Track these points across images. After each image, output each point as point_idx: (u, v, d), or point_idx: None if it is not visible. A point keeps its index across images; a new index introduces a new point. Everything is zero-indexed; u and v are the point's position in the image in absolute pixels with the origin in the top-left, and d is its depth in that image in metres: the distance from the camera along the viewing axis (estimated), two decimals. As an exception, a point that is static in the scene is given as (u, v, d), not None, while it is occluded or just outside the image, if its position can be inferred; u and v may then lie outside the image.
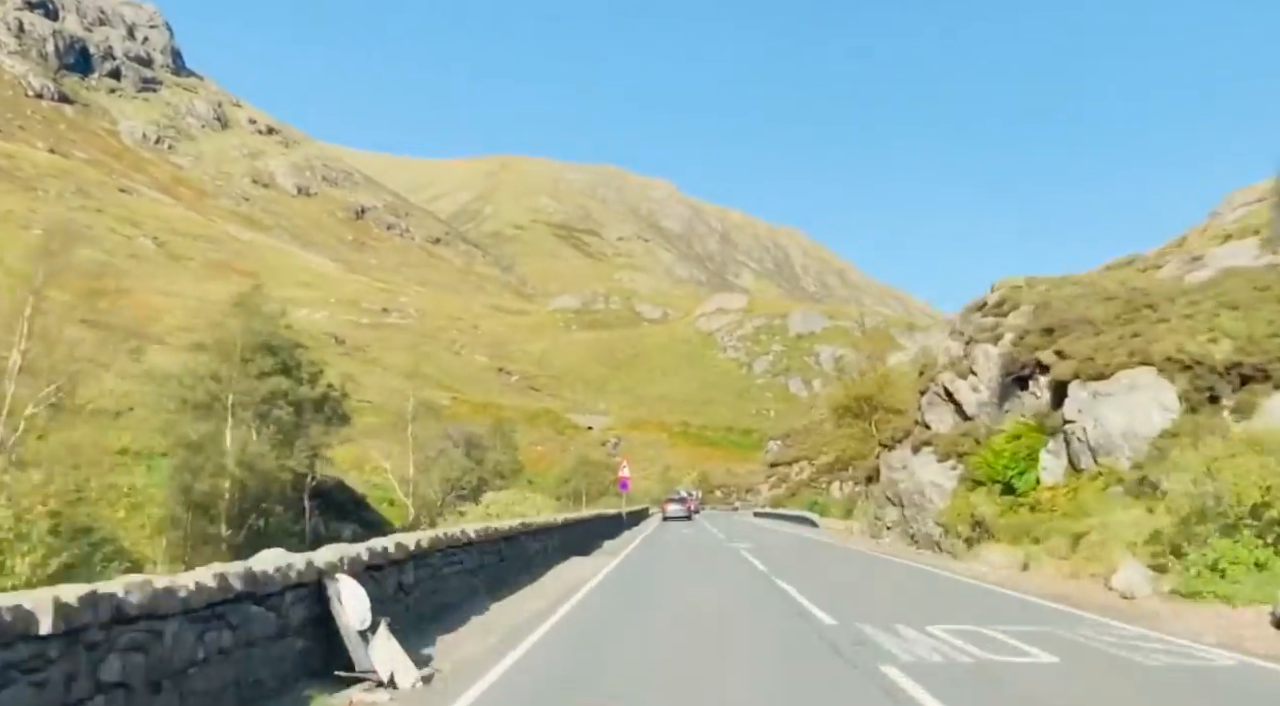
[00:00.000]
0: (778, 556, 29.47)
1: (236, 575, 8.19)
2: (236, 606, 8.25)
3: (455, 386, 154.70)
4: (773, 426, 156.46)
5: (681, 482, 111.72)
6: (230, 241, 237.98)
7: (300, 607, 9.39)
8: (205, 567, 8.16)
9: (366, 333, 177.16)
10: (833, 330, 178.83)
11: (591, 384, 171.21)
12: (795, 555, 31.89)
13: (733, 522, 68.15)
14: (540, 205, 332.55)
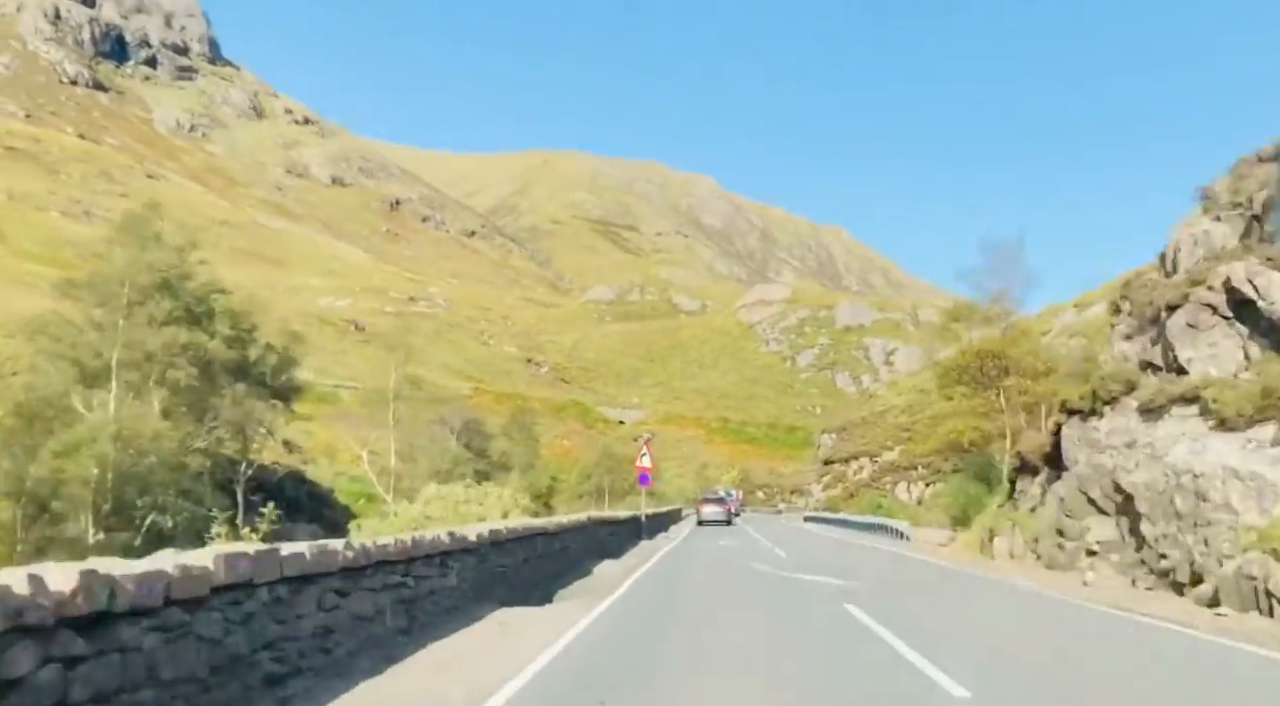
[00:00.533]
0: (922, 618, 14.19)
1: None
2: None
3: (480, 376, 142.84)
4: (819, 424, 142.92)
5: (720, 481, 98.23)
6: (258, 229, 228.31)
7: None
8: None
9: (389, 320, 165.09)
10: (883, 323, 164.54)
11: (624, 377, 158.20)
12: (953, 613, 15.31)
13: (786, 531, 55.16)
14: (578, 200, 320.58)
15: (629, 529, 37.40)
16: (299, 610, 8.16)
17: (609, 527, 31.49)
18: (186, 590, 6.44)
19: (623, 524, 35.70)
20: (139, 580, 5.89)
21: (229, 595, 7.05)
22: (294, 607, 8.07)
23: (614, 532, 32.79)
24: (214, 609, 6.82)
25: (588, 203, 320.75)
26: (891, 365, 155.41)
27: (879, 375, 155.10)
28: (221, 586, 6.91)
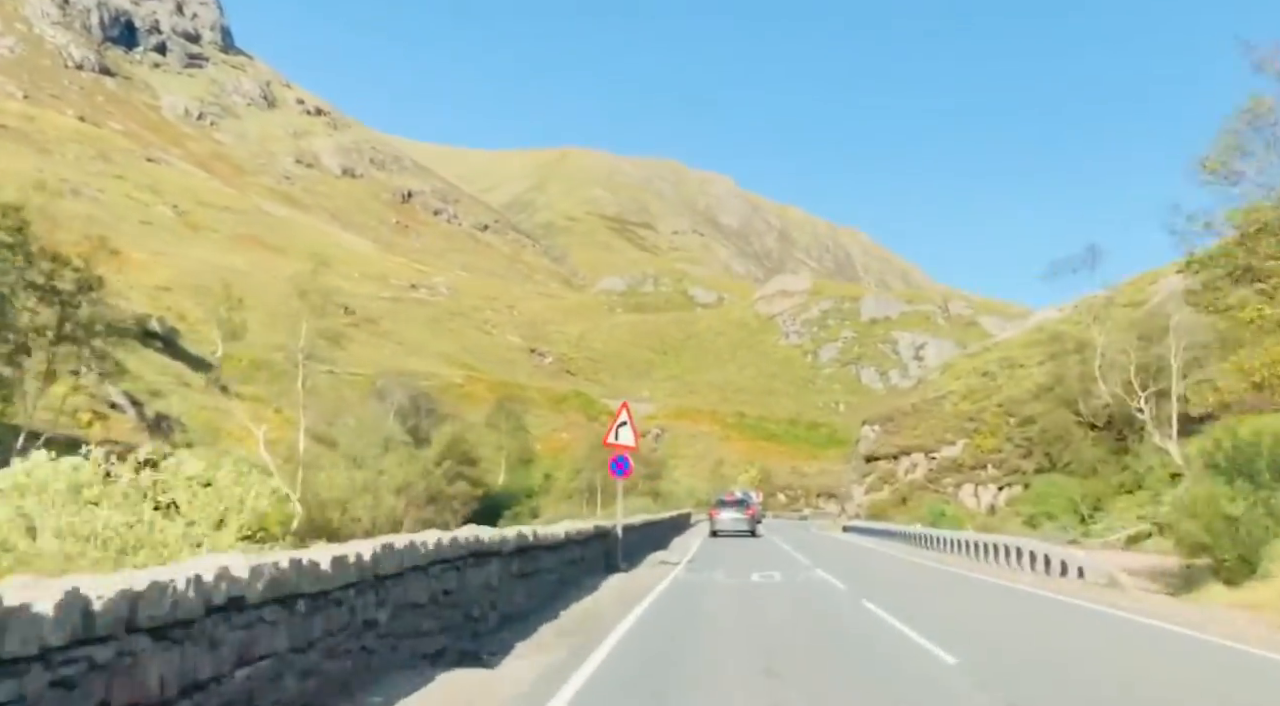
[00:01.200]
0: None
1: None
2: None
3: (477, 365, 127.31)
4: (843, 422, 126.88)
5: (737, 482, 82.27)
6: (262, 216, 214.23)
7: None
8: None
9: (384, 305, 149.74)
10: (912, 315, 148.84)
11: (635, 369, 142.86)
12: None
13: (842, 552, 37.94)
14: (594, 197, 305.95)
15: (588, 554, 21.56)
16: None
17: (529, 558, 14.92)
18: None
19: (575, 546, 19.80)
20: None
21: None
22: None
23: (549, 568, 16.77)
24: None
25: (603, 200, 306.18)
26: (921, 360, 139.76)
27: (908, 371, 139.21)
28: None
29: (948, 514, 51.35)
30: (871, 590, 19.47)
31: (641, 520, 35.50)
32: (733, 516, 46.12)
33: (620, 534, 25.16)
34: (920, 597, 18.90)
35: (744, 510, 47.04)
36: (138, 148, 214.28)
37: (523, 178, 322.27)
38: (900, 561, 32.48)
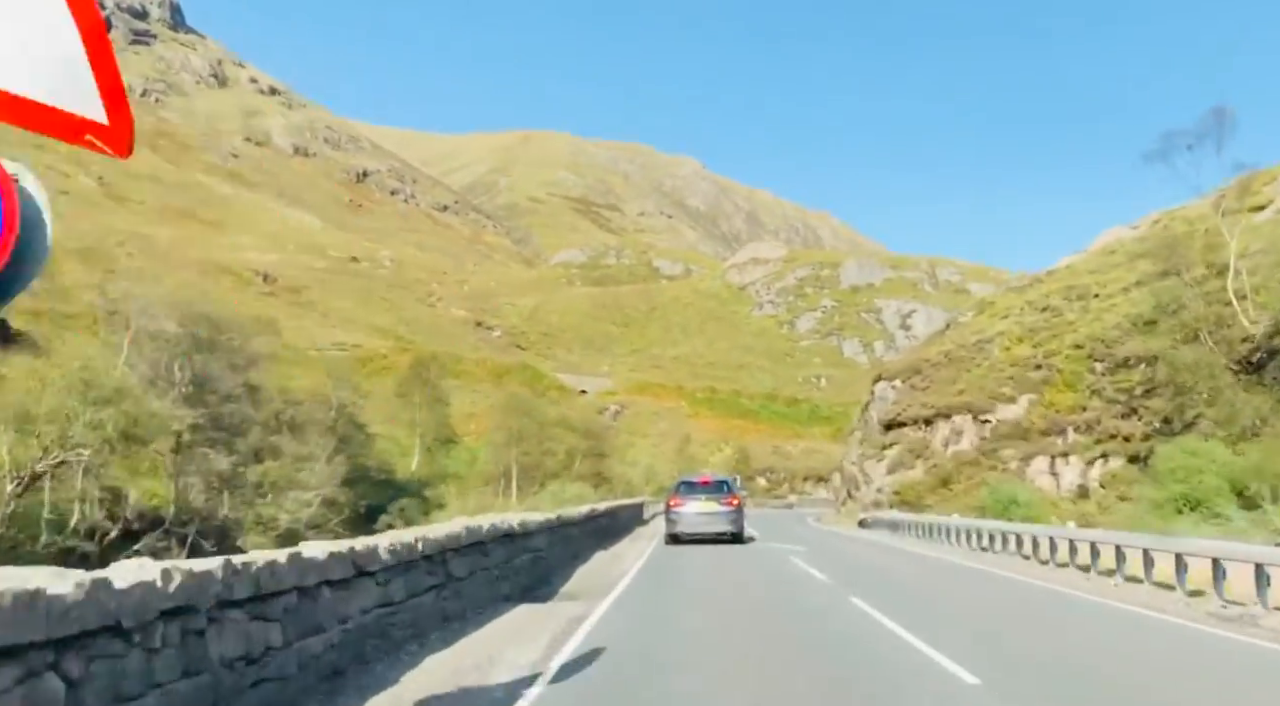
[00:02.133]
0: None
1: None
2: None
3: (412, 337, 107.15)
4: (825, 396, 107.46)
5: (709, 464, 62.76)
6: (198, 191, 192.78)
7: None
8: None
9: (315, 276, 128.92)
10: (897, 282, 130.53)
11: (593, 344, 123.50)
12: None
13: (944, 585, 17.85)
14: (559, 179, 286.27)
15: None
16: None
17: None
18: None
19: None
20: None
21: None
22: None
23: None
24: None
25: (568, 181, 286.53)
26: (908, 329, 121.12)
27: (894, 342, 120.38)
28: None
29: (1021, 500, 31.81)
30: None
31: (589, 508, 17.10)
32: (703, 509, 26.78)
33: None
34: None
35: (721, 498, 27.50)
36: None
37: (485, 160, 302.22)
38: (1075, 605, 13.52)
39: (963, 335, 49.14)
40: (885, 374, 50.06)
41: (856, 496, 45.99)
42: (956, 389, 42.26)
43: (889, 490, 40.88)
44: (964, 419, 40.52)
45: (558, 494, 37.59)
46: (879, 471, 42.95)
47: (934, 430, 41.82)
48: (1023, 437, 38.03)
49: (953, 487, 38.07)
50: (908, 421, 43.19)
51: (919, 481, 39.92)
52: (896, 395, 46.34)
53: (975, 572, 19.44)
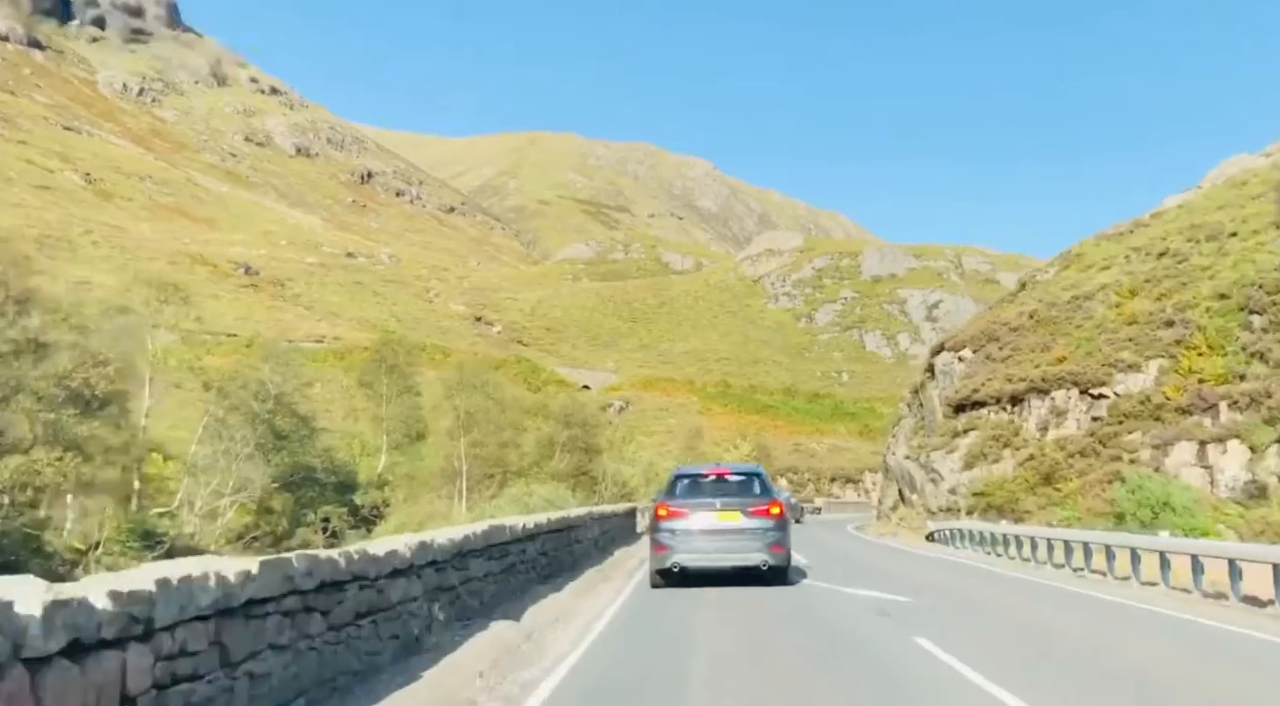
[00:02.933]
0: None
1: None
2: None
3: (399, 331, 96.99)
4: (847, 390, 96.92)
5: (724, 461, 51.56)
6: (191, 189, 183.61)
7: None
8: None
9: (301, 269, 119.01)
10: (921, 272, 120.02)
11: (599, 339, 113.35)
12: None
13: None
14: (567, 180, 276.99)
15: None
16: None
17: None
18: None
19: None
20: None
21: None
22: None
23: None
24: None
25: (577, 183, 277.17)
26: (935, 321, 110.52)
27: (919, 333, 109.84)
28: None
29: (1176, 503, 21.08)
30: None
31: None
32: (717, 523, 14.72)
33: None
34: None
35: (750, 503, 15.00)
36: (55, 117, 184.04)
37: (493, 162, 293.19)
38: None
39: (1049, 292, 38.69)
40: (950, 343, 39.59)
41: (912, 500, 35.75)
42: (1053, 356, 32.03)
43: (966, 491, 30.65)
44: (1068, 394, 30.27)
45: (521, 498, 27.49)
46: (950, 466, 32.54)
47: (1025, 410, 31.53)
48: (1154, 417, 27.82)
49: (1061, 486, 27.88)
50: (987, 400, 32.85)
51: (1010, 479, 29.66)
52: (967, 368, 36.03)
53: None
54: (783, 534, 14.68)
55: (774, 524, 14.57)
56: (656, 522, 14.83)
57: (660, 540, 14.55)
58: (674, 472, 16.72)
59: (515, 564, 11.99)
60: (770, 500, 14.92)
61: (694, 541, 14.37)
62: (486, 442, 36.45)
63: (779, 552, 14.47)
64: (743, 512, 14.50)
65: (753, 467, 16.86)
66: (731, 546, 14.43)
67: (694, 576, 14.65)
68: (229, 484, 38.66)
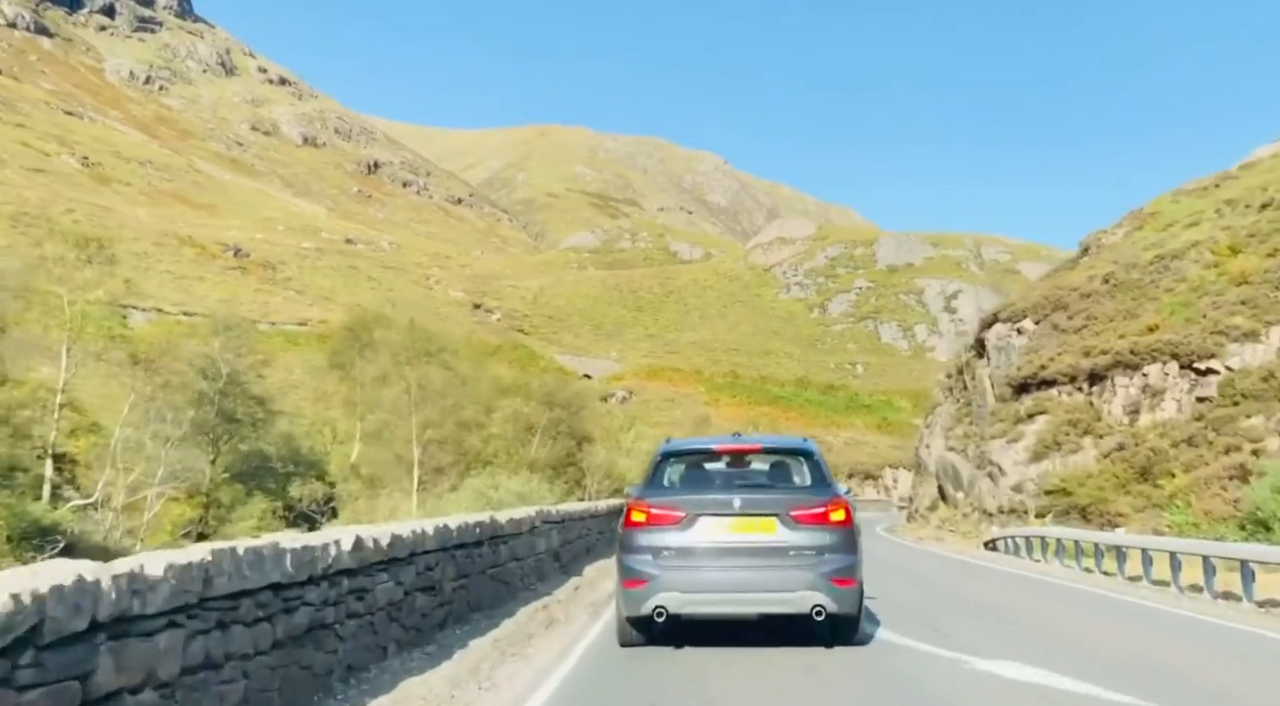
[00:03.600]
0: None
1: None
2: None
3: (392, 316, 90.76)
4: (862, 383, 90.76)
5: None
6: (194, 176, 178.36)
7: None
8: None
9: (296, 253, 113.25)
10: (939, 262, 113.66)
11: (603, 328, 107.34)
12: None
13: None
14: (576, 173, 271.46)
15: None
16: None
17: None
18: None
19: None
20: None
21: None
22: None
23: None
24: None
25: (586, 176, 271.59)
26: (954, 312, 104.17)
27: (937, 324, 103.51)
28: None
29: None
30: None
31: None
32: (739, 541, 8.04)
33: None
34: None
35: (796, 504, 8.17)
36: (58, 102, 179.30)
37: (502, 155, 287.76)
38: None
39: (1123, 253, 32.52)
40: (1005, 313, 33.26)
41: (956, 499, 29.68)
42: (1142, 325, 25.93)
43: (1035, 488, 24.54)
44: (1164, 369, 24.22)
45: (485, 491, 21.47)
46: (1013, 458, 26.36)
47: (1108, 389, 25.47)
48: (1277, 395, 21.78)
49: (1163, 483, 21.83)
50: (1058, 378, 26.68)
51: (1093, 473, 23.59)
52: (1029, 341, 29.82)
53: None
54: (852, 558, 8.20)
55: (838, 538, 8.13)
56: (626, 535, 8.41)
57: (633, 567, 8.17)
58: (660, 448, 9.44)
59: (330, 622, 5.90)
60: (831, 498, 8.35)
61: (694, 570, 8.07)
62: (443, 423, 30.34)
63: (846, 590, 8.05)
64: (782, 519, 8.09)
65: (797, 441, 9.72)
66: (762, 579, 8.01)
67: (687, 621, 8.45)
68: (158, 472, 32.53)
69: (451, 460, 30.12)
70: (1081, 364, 26.43)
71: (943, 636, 9.18)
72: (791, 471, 8.99)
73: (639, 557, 8.12)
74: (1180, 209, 34.81)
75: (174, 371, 37.42)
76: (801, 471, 8.84)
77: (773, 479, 9.06)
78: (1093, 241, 37.63)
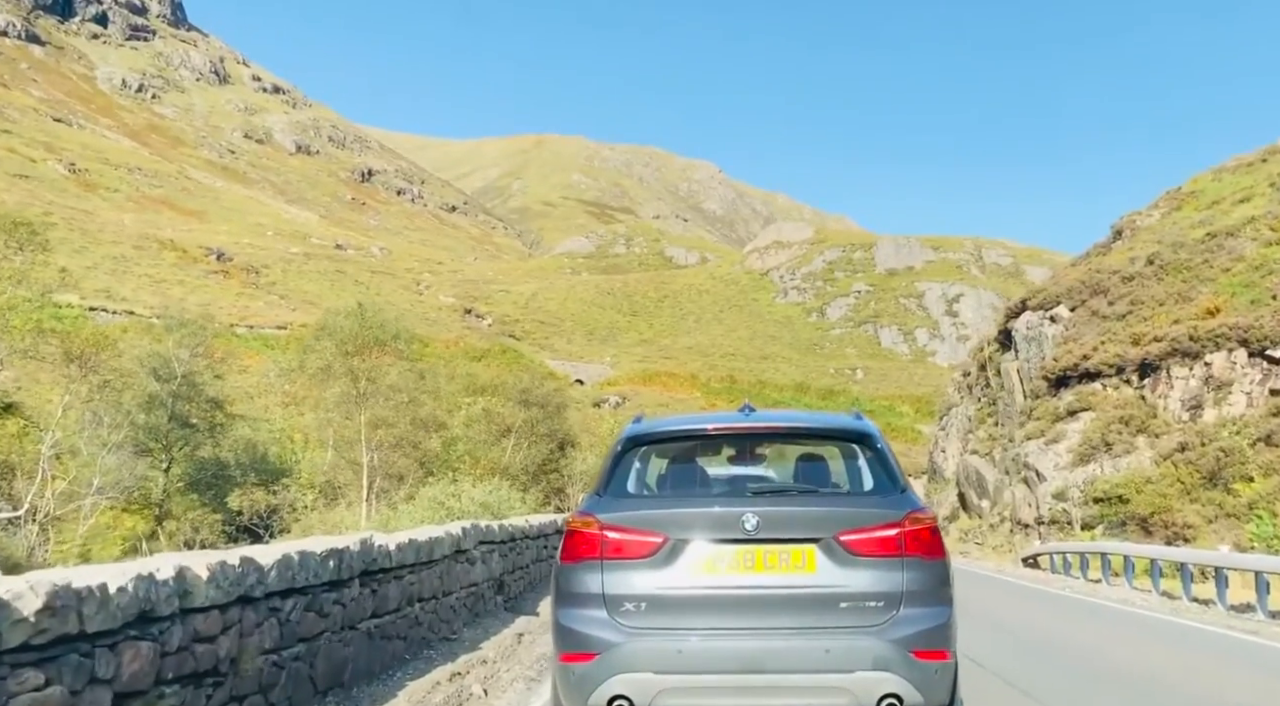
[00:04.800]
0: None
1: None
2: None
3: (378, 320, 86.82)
4: (862, 388, 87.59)
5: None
6: (184, 183, 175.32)
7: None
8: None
9: (281, 258, 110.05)
10: (940, 265, 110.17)
11: (596, 333, 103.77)
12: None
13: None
14: (572, 182, 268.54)
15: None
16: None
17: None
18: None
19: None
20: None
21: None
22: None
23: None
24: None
25: (582, 184, 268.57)
26: (956, 315, 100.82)
27: (939, 328, 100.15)
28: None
29: None
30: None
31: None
32: (754, 584, 4.60)
33: None
34: None
35: (849, 523, 4.72)
36: (47, 110, 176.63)
37: (498, 164, 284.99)
38: None
39: (1168, 232, 29.02)
40: (1035, 299, 29.54)
41: (980, 508, 26.15)
42: (1199, 308, 22.49)
43: (1081, 495, 21.02)
44: (1230, 358, 20.79)
45: (446, 500, 17.91)
46: (1053, 461, 22.79)
47: (1162, 382, 21.99)
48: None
49: (1239, 490, 18.34)
50: (1103, 369, 23.15)
51: (1151, 477, 20.07)
52: (1066, 330, 26.26)
53: None
54: (945, 613, 4.68)
55: (922, 581, 4.67)
56: (566, 575, 4.88)
57: (575, 628, 4.75)
58: (624, 431, 5.50)
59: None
60: (908, 512, 4.77)
61: (678, 634, 4.61)
62: (396, 422, 26.63)
63: (935, 666, 4.55)
64: (827, 547, 4.65)
65: (848, 421, 5.57)
66: (791, 651, 4.51)
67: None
68: (93, 481, 29.02)
69: (414, 464, 26.49)
70: (1130, 353, 22.90)
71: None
72: (836, 468, 5.52)
73: (585, 613, 4.75)
74: (1225, 186, 31.44)
75: (116, 370, 33.77)
76: (855, 467, 5.31)
77: (808, 480, 5.49)
78: (1126, 224, 33.95)
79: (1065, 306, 27.38)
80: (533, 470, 28.11)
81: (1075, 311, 26.87)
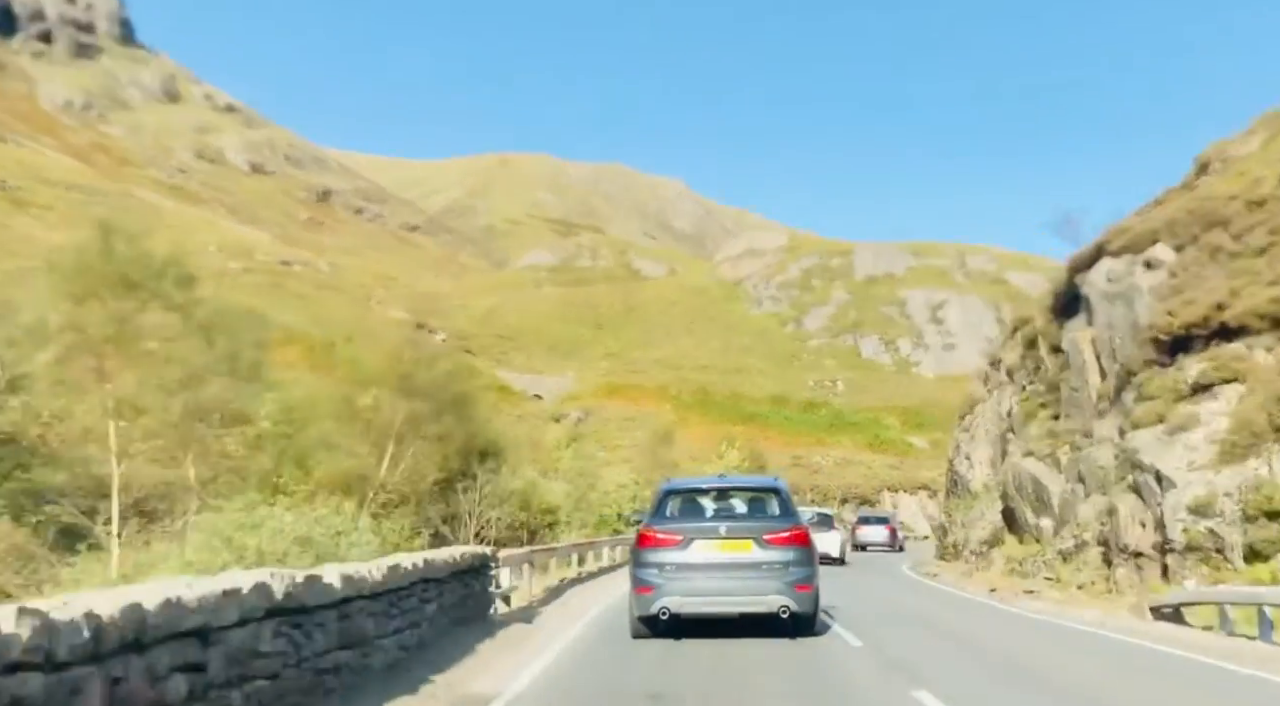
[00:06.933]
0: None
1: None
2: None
3: (319, 334, 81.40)
4: (844, 401, 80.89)
5: (703, 475, 33.85)
6: (128, 202, 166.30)
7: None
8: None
9: (219, 273, 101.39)
10: (922, 272, 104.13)
11: (559, 348, 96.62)
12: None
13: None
14: (538, 200, 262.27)
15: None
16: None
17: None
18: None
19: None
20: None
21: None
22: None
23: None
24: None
25: (548, 202, 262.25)
26: (941, 323, 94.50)
27: (923, 337, 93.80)
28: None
29: None
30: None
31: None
32: (724, 558, 11.80)
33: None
34: None
35: (768, 530, 12.09)
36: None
37: (462, 183, 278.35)
38: None
39: (1282, 155, 22.44)
40: (1116, 242, 22.11)
41: (1039, 528, 19.29)
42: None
43: (1236, 508, 14.00)
44: None
45: (236, 538, 10.58)
46: (1184, 458, 15.33)
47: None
48: None
49: None
50: (1248, 325, 16.09)
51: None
52: (1173, 278, 19.24)
53: None
54: (810, 569, 11.74)
55: (799, 555, 11.71)
56: (638, 553, 12.00)
57: (644, 578, 11.72)
58: (662, 487, 13.34)
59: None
60: (794, 525, 12.03)
61: (690, 579, 11.61)
62: (166, 407, 18.49)
63: (805, 594, 11.57)
64: (757, 541, 11.77)
65: (769, 480, 13.88)
66: (741, 586, 11.59)
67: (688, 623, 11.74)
68: None
69: (210, 474, 18.66)
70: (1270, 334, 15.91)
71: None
72: (766, 504, 12.70)
73: (648, 571, 11.61)
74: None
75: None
76: (772, 503, 12.53)
77: (751, 510, 12.82)
78: (1215, 155, 26.84)
79: (1167, 244, 20.28)
80: (426, 489, 20.98)
81: (1184, 251, 19.82)
